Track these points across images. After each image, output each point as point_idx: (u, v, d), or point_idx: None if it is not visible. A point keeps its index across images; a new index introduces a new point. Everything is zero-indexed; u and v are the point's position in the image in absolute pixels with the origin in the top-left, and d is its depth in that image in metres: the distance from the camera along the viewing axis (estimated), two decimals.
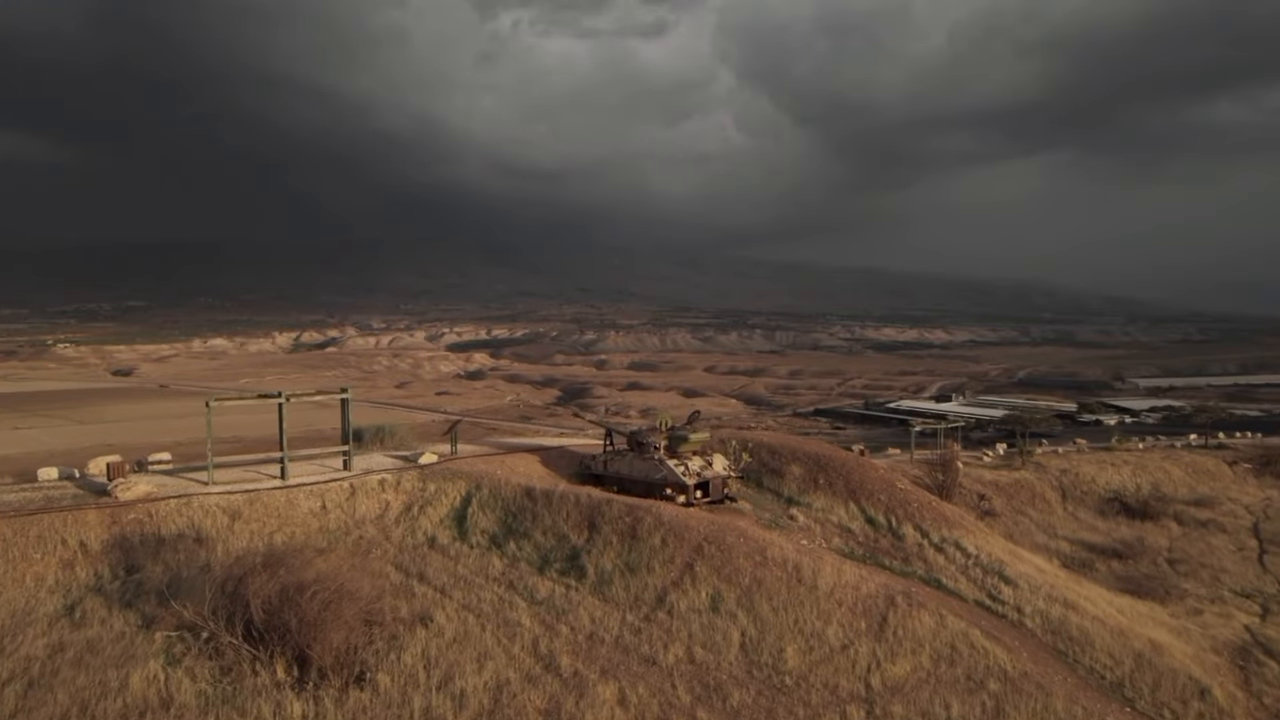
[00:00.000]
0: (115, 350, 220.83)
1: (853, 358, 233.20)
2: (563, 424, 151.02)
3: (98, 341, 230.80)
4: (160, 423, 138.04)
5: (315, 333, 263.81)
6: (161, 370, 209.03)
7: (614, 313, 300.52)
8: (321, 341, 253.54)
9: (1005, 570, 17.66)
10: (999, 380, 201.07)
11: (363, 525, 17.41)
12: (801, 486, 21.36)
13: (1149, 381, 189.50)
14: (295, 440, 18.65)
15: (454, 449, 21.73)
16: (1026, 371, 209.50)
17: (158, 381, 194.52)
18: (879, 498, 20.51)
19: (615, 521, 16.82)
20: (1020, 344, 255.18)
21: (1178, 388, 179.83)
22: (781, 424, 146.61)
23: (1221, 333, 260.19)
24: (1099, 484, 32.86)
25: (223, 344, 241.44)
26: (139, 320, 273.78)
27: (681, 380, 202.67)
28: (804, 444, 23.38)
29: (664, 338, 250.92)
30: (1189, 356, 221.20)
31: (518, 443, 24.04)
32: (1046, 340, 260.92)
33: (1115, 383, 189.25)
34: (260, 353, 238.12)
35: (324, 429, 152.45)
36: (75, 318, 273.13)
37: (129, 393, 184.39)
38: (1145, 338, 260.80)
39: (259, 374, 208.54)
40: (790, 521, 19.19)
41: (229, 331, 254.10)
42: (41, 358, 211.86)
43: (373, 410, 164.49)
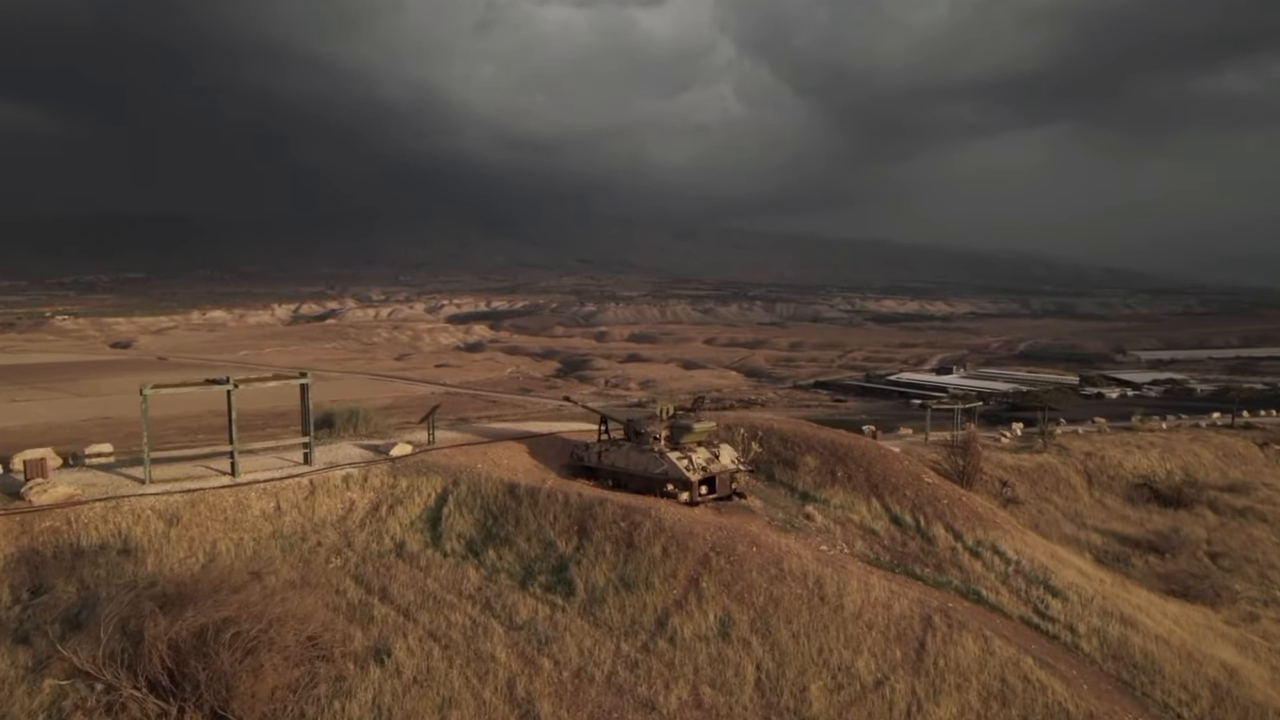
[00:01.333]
0: (114, 322, 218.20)
1: (853, 330, 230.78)
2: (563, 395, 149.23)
3: (96, 314, 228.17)
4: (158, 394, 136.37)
5: (315, 304, 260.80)
6: (160, 343, 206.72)
7: (614, 284, 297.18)
8: (321, 314, 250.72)
9: (1051, 579, 15.45)
10: (1000, 353, 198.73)
11: (322, 529, 15.16)
12: (817, 480, 19.09)
13: (1150, 354, 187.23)
14: (281, 420, 16.40)
15: (431, 438, 19.42)
16: (1027, 344, 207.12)
17: (156, 354, 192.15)
18: (904, 493, 18.25)
19: (609, 526, 14.57)
20: (1021, 316, 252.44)
21: (1179, 360, 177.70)
22: (781, 396, 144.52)
23: (1223, 305, 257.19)
24: (1126, 468, 30.64)
25: (222, 316, 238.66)
26: (137, 292, 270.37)
27: (681, 352, 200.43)
28: (818, 432, 21.07)
29: (664, 309, 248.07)
30: (1190, 329, 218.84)
31: (504, 429, 21.75)
32: (1047, 312, 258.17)
33: (1116, 355, 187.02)
34: (259, 325, 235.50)
35: (322, 400, 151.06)
36: (73, 290, 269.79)
37: (128, 365, 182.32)
38: (1146, 310, 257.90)
39: (258, 346, 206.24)
40: (807, 522, 16.94)
41: (228, 303, 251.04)
42: (40, 330, 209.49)
43: (372, 383, 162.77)
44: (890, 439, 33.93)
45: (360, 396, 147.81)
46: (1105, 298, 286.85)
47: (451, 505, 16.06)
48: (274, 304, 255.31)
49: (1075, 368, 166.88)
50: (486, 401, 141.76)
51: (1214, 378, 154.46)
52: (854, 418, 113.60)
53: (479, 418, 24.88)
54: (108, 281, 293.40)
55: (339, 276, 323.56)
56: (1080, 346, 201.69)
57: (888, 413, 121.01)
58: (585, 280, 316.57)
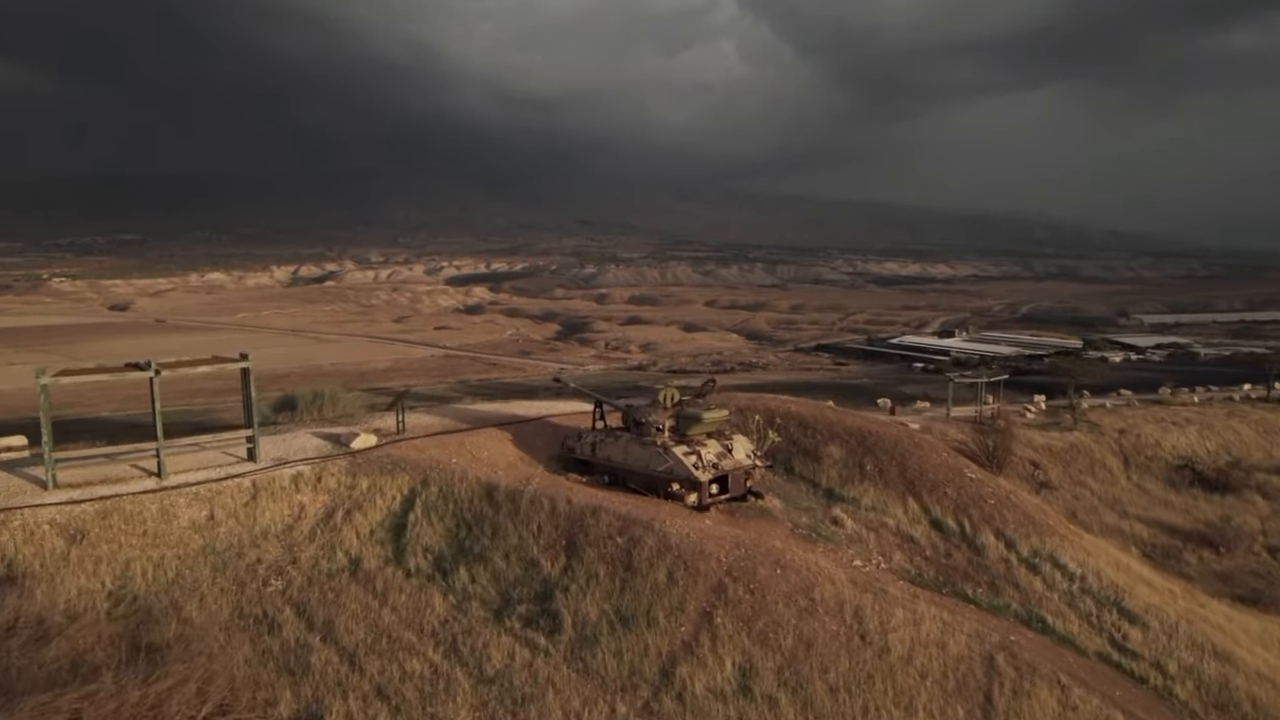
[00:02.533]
0: (112, 285, 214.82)
1: (854, 292, 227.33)
2: (563, 358, 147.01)
3: (94, 276, 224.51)
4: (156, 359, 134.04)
5: (313, 266, 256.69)
6: (158, 305, 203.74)
7: (614, 246, 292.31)
8: (320, 275, 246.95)
9: (1124, 600, 12.97)
10: (1002, 316, 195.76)
11: (264, 542, 12.63)
12: (844, 474, 16.51)
13: (1154, 318, 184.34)
14: (275, 385, 13.59)
15: (400, 426, 16.80)
16: (1030, 307, 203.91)
17: (154, 316, 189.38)
18: (945, 491, 15.69)
19: (604, 542, 12.03)
20: (1023, 279, 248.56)
21: (1183, 324, 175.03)
22: (782, 359, 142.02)
23: (1227, 268, 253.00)
24: (1165, 448, 28.11)
25: (220, 278, 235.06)
26: (135, 254, 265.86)
27: (682, 314, 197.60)
28: (843, 417, 18.44)
29: (664, 271, 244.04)
30: (1194, 292, 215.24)
31: (487, 413, 19.12)
32: (1050, 275, 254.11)
33: (1120, 319, 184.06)
34: (258, 287, 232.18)
35: (321, 363, 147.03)
36: (70, 252, 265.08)
37: (126, 328, 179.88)
38: (1150, 273, 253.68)
39: (257, 308, 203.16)
40: (835, 529, 14.40)
41: (226, 265, 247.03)
42: (37, 292, 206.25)
43: (371, 345, 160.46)
44: (907, 414, 31.37)
45: (359, 359, 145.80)
46: (1108, 260, 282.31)
47: (419, 511, 13.51)
48: (273, 266, 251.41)
49: (1078, 331, 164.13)
50: (486, 364, 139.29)
51: (1218, 342, 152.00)
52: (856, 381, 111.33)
53: (462, 397, 22.19)
54: (105, 243, 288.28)
55: (338, 238, 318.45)
56: (1083, 309, 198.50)
57: (890, 377, 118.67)
58: (585, 242, 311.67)
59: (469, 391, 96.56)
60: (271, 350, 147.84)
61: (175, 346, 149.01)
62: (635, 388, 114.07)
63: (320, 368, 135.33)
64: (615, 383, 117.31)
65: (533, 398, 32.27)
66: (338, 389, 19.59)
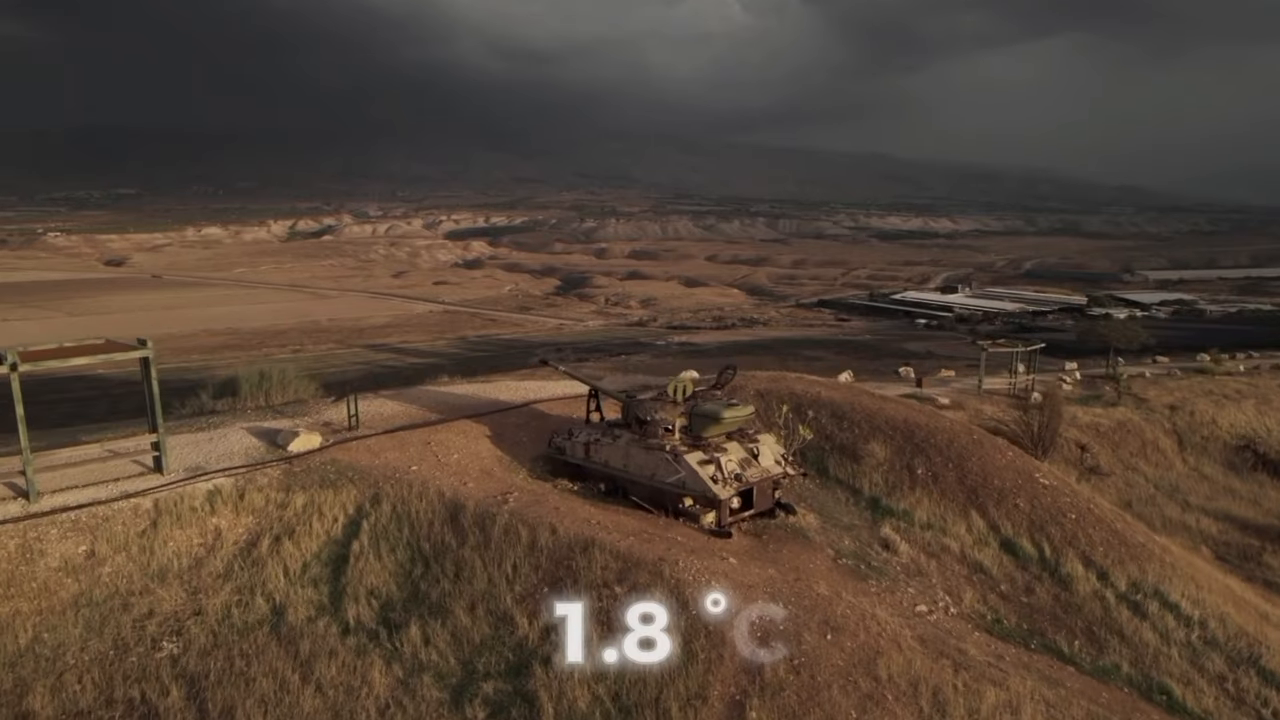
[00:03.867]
0: (107, 239, 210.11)
1: (856, 247, 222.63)
2: (562, 314, 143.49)
3: (89, 230, 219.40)
4: (152, 314, 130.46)
5: (311, 220, 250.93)
6: (155, 260, 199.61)
7: (614, 199, 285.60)
8: (317, 229, 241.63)
9: (1260, 656, 10.08)
10: (1005, 271, 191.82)
11: (159, 588, 9.65)
12: (890, 479, 13.49)
13: (1158, 274, 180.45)
14: (277, 341, 10.59)
15: (353, 421, 13.70)
16: (1033, 262, 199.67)
17: (151, 272, 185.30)
18: (1015, 502, 12.69)
19: (597, 593, 9.06)
20: (1026, 234, 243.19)
21: (1188, 280, 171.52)
22: (784, 315, 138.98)
23: (1232, 224, 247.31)
24: (1221, 426, 25.12)
25: (217, 233, 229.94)
26: (131, 208, 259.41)
27: (683, 269, 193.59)
28: (884, 406, 15.32)
29: (665, 225, 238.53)
30: (1199, 248, 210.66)
31: (463, 398, 16.00)
32: (1053, 230, 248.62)
33: (1124, 275, 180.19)
34: (255, 241, 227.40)
35: (319, 319, 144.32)
36: (65, 206, 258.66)
37: (122, 283, 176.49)
38: (1154, 228, 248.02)
39: (254, 263, 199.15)
40: (887, 556, 11.43)
41: (223, 220, 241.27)
42: (32, 246, 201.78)
43: (369, 301, 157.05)
44: (933, 385, 28.32)
45: (357, 315, 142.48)
46: (1112, 215, 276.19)
47: (365, 539, 10.51)
48: (270, 220, 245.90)
49: (1082, 287, 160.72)
50: (485, 320, 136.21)
51: (1224, 298, 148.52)
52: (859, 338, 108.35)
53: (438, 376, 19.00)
54: (99, 197, 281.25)
55: (335, 191, 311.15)
56: (1087, 265, 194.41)
57: (893, 333, 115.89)
58: (585, 196, 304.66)
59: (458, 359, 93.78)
60: (269, 306, 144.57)
61: (169, 301, 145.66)
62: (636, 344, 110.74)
63: (318, 324, 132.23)
64: (615, 339, 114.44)
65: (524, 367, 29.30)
66: (288, 369, 16.42)
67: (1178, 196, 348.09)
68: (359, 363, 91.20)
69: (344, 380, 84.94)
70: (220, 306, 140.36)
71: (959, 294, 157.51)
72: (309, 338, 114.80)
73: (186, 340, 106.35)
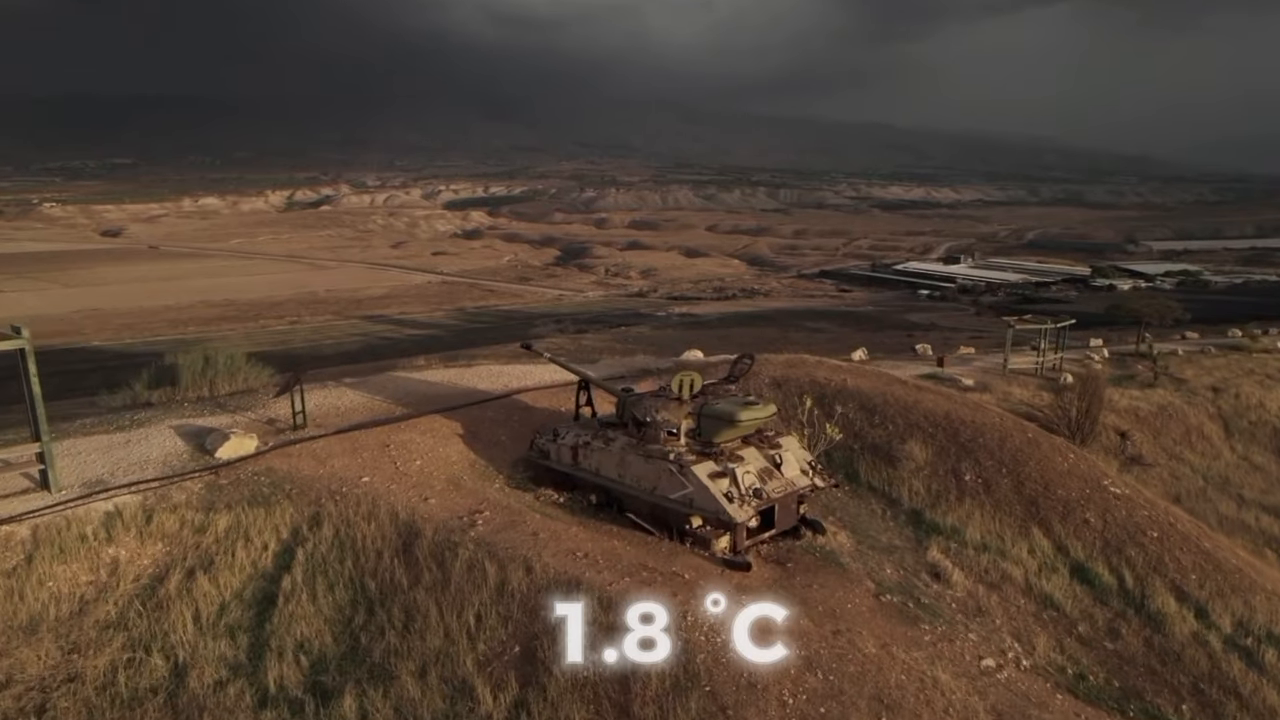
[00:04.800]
0: (104, 210, 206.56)
1: (858, 216, 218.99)
2: (561, 285, 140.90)
3: (85, 200, 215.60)
4: (148, 285, 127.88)
5: (309, 190, 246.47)
6: (151, 231, 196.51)
7: (614, 169, 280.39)
8: (315, 199, 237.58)
9: None
10: (1008, 241, 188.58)
11: (22, 647, 7.52)
12: (933, 486, 11.32)
13: (1162, 244, 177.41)
14: (274, 313, 8.59)
15: (298, 418, 11.48)
16: (1036, 233, 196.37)
17: (147, 242, 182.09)
18: (1084, 516, 10.55)
19: None
20: (1029, 204, 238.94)
21: (1192, 251, 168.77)
22: (785, 285, 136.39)
23: (1237, 194, 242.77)
24: (1270, 410, 22.92)
25: (214, 203, 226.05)
26: (127, 178, 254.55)
27: (683, 240, 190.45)
28: (921, 397, 13.10)
29: (665, 195, 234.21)
30: (1203, 218, 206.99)
31: (436, 387, 13.78)
32: (1056, 200, 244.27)
33: (1128, 245, 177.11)
34: (253, 212, 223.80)
35: (317, 290, 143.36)
36: (60, 176, 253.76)
37: (118, 254, 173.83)
38: (1158, 198, 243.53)
39: (252, 234, 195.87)
40: (938, 588, 9.31)
41: (220, 190, 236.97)
42: (28, 217, 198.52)
43: (367, 272, 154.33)
44: (955, 365, 26.11)
45: (355, 286, 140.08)
46: (1116, 185, 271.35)
47: (299, 574, 8.37)
48: (267, 190, 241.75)
49: (1085, 258, 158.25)
50: (484, 291, 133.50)
51: (1229, 269, 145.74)
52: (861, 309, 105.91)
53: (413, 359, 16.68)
54: (95, 167, 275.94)
55: (333, 161, 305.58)
56: (1090, 236, 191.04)
57: (895, 304, 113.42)
58: (585, 165, 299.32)
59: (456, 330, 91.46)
60: (266, 277, 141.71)
61: (165, 272, 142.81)
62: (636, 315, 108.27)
63: (315, 295, 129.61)
64: (615, 310, 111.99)
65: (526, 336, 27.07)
66: (238, 353, 14.16)
67: (1182, 166, 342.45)
68: (356, 334, 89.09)
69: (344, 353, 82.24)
70: (217, 278, 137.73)
71: (961, 264, 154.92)
72: (306, 309, 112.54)
73: (183, 312, 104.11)
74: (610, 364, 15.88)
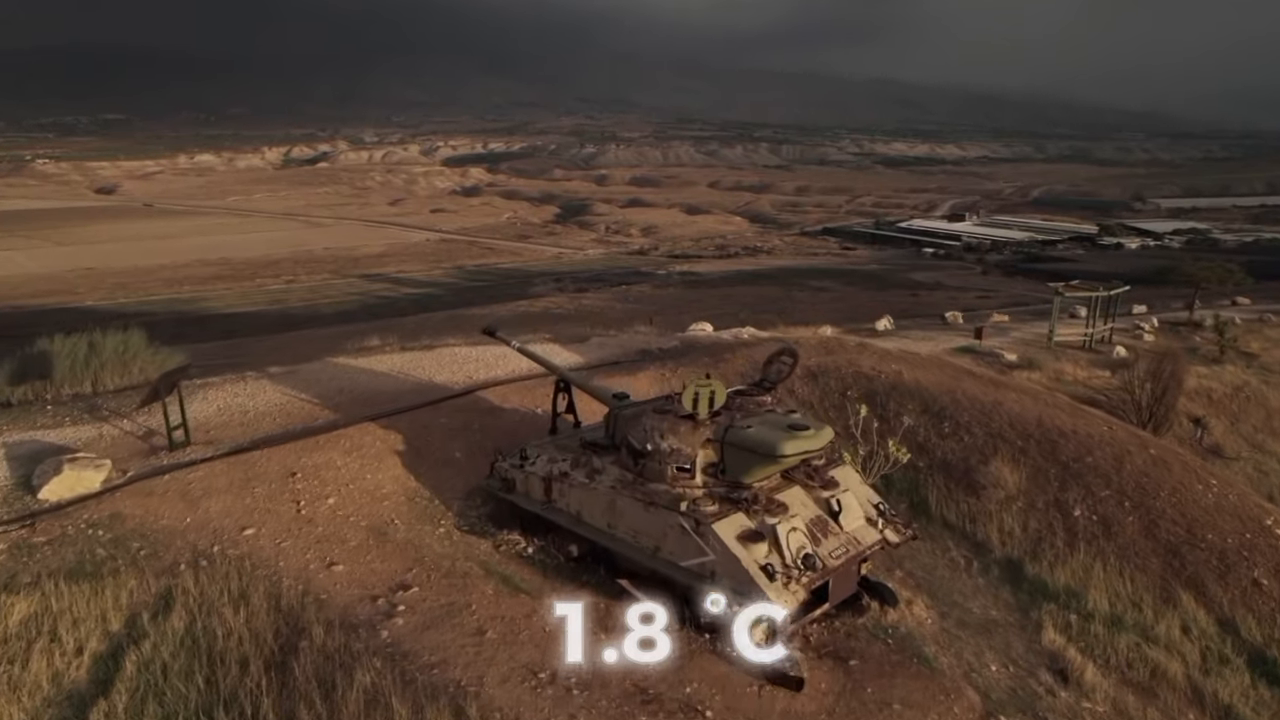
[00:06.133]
0: (98, 166, 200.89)
1: (861, 173, 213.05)
2: (561, 242, 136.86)
3: (79, 157, 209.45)
4: (143, 244, 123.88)
5: (306, 147, 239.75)
6: (146, 188, 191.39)
7: (614, 125, 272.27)
8: (313, 156, 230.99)
9: None
10: (1013, 199, 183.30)
11: None
12: (1030, 525, 8.27)
13: (1171, 202, 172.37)
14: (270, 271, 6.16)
15: (176, 435, 8.35)
16: (1042, 190, 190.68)
17: (142, 200, 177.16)
18: (1252, 576, 7.55)
19: None
20: (1034, 160, 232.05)
21: (1201, 209, 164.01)
22: (788, 243, 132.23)
23: (1246, 150, 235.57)
24: None
25: (210, 160, 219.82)
26: (121, 134, 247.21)
27: (685, 196, 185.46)
28: (1002, 397, 9.94)
29: (666, 151, 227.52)
30: (1212, 175, 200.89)
31: (382, 375, 10.61)
32: (1062, 157, 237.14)
33: (1135, 203, 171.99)
34: (250, 169, 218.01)
35: (314, 248, 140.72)
36: (53, 132, 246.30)
37: (113, 212, 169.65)
38: (1166, 155, 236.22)
39: (248, 191, 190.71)
40: (1069, 699, 6.33)
41: (216, 146, 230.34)
42: (20, 174, 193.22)
43: (365, 229, 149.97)
44: (991, 336, 22.96)
45: (353, 244, 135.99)
46: (1123, 142, 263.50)
47: (119, 703, 5.39)
48: (264, 147, 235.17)
49: (1092, 216, 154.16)
50: (483, 249, 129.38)
51: (1238, 227, 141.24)
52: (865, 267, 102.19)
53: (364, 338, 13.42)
54: (88, 123, 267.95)
55: (330, 117, 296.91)
56: (1097, 193, 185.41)
57: (900, 262, 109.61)
58: (585, 121, 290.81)
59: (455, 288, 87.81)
60: (263, 235, 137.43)
61: (159, 230, 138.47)
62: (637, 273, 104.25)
63: (313, 253, 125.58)
64: (615, 268, 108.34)
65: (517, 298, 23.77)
66: (134, 338, 11.02)
67: (1190, 122, 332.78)
68: (354, 293, 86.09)
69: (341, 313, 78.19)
70: (213, 236, 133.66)
71: (966, 222, 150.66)
72: (303, 268, 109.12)
73: (178, 271, 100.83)
74: (600, 346, 12.72)
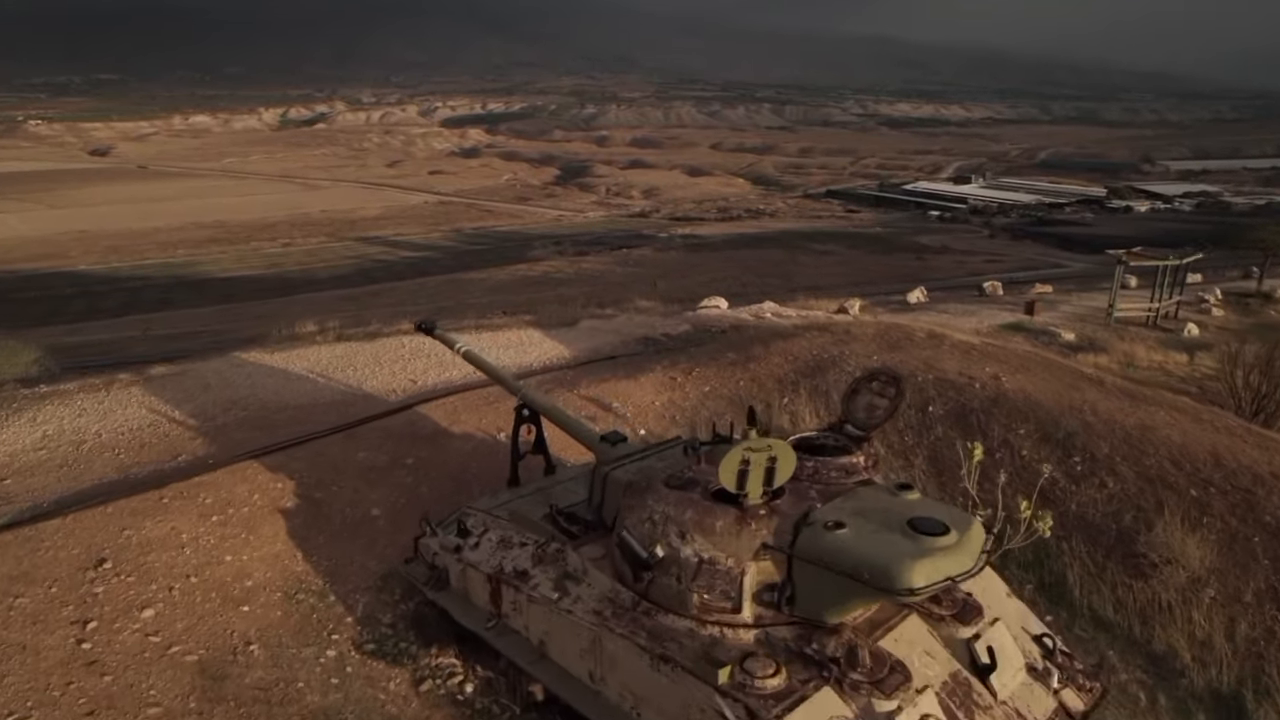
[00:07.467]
0: (92, 128, 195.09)
1: (865, 134, 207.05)
2: (561, 205, 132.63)
3: (72, 118, 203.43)
4: (137, 207, 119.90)
5: (303, 108, 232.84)
6: (141, 150, 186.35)
7: (615, 85, 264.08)
8: (310, 117, 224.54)
9: None
10: (1019, 161, 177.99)
11: None
12: (1239, 634, 5.33)
13: (1180, 164, 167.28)
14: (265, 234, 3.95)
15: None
16: (1049, 152, 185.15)
17: (137, 162, 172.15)
18: None
19: None
20: (1041, 122, 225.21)
21: (1211, 171, 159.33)
22: (791, 206, 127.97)
23: (1257, 110, 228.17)
24: None
25: (206, 121, 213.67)
26: (114, 94, 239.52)
27: (686, 158, 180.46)
28: (1149, 417, 6.89)
29: (668, 112, 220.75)
30: (1222, 137, 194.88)
31: (297, 379, 7.61)
32: (1069, 118, 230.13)
33: (1143, 165, 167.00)
34: (246, 130, 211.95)
35: (310, 211, 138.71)
36: (45, 92, 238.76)
37: (107, 174, 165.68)
38: (1175, 116, 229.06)
39: (244, 153, 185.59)
40: None
41: (211, 107, 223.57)
42: (13, 135, 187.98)
43: (362, 191, 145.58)
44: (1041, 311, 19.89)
45: (350, 207, 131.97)
46: (1131, 103, 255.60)
47: None
48: (260, 108, 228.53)
49: (1100, 178, 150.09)
50: (481, 211, 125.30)
51: (1249, 190, 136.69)
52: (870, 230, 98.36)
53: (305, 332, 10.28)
54: (81, 83, 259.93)
55: (328, 78, 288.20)
56: (1105, 155, 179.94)
57: (905, 225, 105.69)
58: (585, 81, 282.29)
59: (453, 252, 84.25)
60: (259, 197, 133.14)
61: (154, 193, 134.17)
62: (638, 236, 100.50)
63: (309, 216, 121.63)
64: (616, 230, 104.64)
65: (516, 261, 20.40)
66: (33, 349, 7.98)
67: (1200, 81, 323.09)
68: (351, 256, 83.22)
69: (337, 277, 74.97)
70: (209, 198, 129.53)
71: (972, 184, 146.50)
72: (300, 230, 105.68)
73: (174, 234, 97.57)
74: (591, 332, 9.59)
